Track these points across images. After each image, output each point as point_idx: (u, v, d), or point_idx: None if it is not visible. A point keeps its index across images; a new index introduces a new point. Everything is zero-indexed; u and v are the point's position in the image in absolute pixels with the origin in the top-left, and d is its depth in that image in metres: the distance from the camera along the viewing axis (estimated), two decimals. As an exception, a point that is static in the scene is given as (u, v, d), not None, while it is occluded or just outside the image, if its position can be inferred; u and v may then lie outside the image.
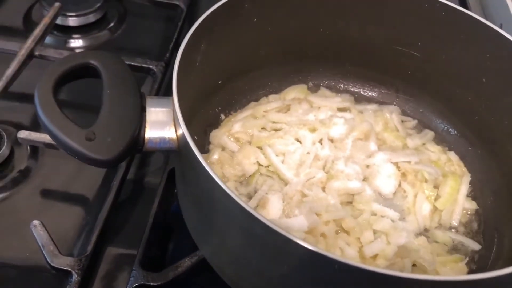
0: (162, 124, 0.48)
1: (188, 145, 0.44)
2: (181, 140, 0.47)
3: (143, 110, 0.48)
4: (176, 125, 0.48)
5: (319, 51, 0.69)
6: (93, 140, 0.44)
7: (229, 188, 0.41)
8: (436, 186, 0.61)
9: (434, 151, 0.65)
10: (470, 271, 0.55)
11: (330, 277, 0.40)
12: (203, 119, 0.64)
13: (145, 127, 0.47)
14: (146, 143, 0.48)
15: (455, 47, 0.63)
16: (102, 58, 0.49)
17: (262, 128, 0.65)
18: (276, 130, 0.64)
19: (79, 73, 0.48)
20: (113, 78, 0.48)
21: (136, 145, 0.47)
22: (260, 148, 0.62)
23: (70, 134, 0.44)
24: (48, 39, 0.79)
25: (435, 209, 0.60)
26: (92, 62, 0.48)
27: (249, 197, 0.58)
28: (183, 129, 0.45)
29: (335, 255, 0.38)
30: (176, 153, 0.50)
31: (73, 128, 0.44)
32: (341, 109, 0.68)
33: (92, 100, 0.50)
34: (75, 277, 0.54)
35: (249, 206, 0.40)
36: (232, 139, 0.63)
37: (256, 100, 0.69)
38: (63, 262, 0.55)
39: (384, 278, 0.37)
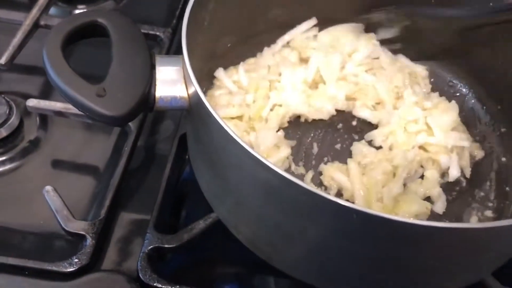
0: (172, 82, 0.48)
1: (201, 101, 0.43)
2: (193, 97, 0.46)
3: (152, 68, 0.47)
4: (187, 82, 0.47)
5: (329, 13, 0.67)
6: (103, 97, 0.43)
7: (243, 141, 0.40)
8: None
9: None
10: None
11: (350, 229, 0.40)
12: (210, 81, 0.63)
13: (155, 85, 0.47)
14: (157, 102, 0.47)
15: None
16: (109, 17, 0.48)
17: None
18: None
19: (87, 31, 0.47)
20: (121, 36, 0.47)
21: (147, 103, 0.46)
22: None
23: (81, 90, 0.43)
24: (53, 10, 0.78)
25: None
26: (100, 20, 0.47)
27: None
28: (194, 86, 0.44)
29: (356, 205, 0.37)
30: (187, 112, 0.50)
31: (83, 84, 0.43)
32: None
33: (97, 71, 0.50)
34: (89, 240, 0.54)
35: (265, 159, 0.39)
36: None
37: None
38: (77, 226, 0.55)
39: (406, 227, 0.37)
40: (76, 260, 0.53)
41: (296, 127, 0.62)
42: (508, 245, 0.46)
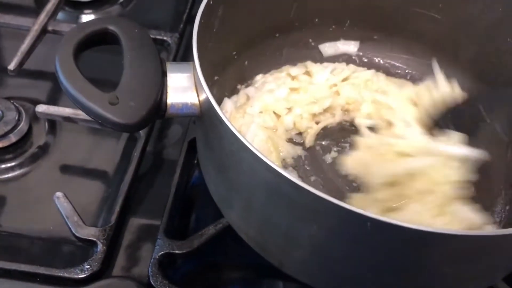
0: (183, 89, 0.48)
1: (212, 107, 0.43)
2: (204, 104, 0.47)
3: (164, 75, 0.47)
4: (198, 89, 0.47)
5: (335, 15, 0.67)
6: (116, 105, 0.43)
7: (255, 147, 0.40)
8: None
9: None
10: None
11: (362, 236, 0.40)
12: (220, 88, 0.63)
13: (166, 92, 0.47)
14: (169, 109, 0.47)
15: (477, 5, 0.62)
16: (120, 24, 0.48)
17: None
18: None
19: (98, 39, 0.47)
20: (132, 43, 0.47)
21: (158, 110, 0.46)
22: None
23: (93, 98, 0.43)
24: (60, 15, 0.79)
25: None
26: (111, 27, 0.47)
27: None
28: (206, 92, 0.44)
29: (370, 213, 0.37)
30: (198, 118, 0.50)
31: (95, 92, 0.43)
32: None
33: (108, 77, 0.50)
34: (100, 247, 0.54)
35: (276, 165, 0.39)
36: None
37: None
38: (88, 232, 0.55)
39: (419, 234, 0.37)
40: (88, 266, 0.53)
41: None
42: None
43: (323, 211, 0.39)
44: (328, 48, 0.70)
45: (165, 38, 0.74)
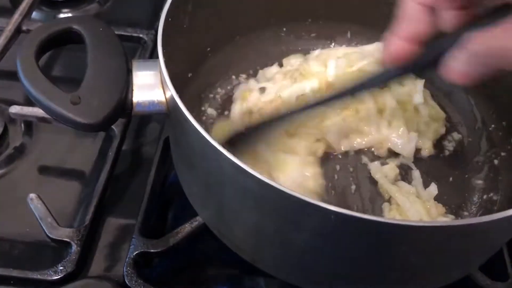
0: (150, 86, 0.47)
1: (177, 105, 0.43)
2: (170, 101, 0.46)
3: (129, 72, 0.47)
4: (164, 87, 0.47)
5: (313, 9, 0.67)
6: (78, 104, 0.43)
7: (219, 144, 0.40)
8: None
9: None
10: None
11: (328, 230, 0.39)
12: (195, 85, 0.62)
13: (132, 90, 0.46)
14: (135, 107, 0.46)
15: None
16: (85, 23, 0.47)
17: None
18: None
19: (62, 38, 0.47)
20: (96, 41, 0.46)
21: (124, 108, 0.46)
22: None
23: (55, 98, 0.43)
24: (37, 15, 0.78)
25: None
26: (75, 27, 0.47)
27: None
28: (170, 89, 0.44)
29: (333, 206, 0.37)
30: (167, 116, 0.49)
31: (57, 92, 0.43)
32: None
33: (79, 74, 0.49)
34: (74, 247, 0.54)
35: (240, 161, 0.39)
36: None
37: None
38: (61, 233, 0.55)
39: (386, 227, 0.36)
40: (61, 267, 0.53)
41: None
42: (494, 238, 0.46)
43: (288, 206, 0.39)
44: None
45: (141, 35, 0.73)
